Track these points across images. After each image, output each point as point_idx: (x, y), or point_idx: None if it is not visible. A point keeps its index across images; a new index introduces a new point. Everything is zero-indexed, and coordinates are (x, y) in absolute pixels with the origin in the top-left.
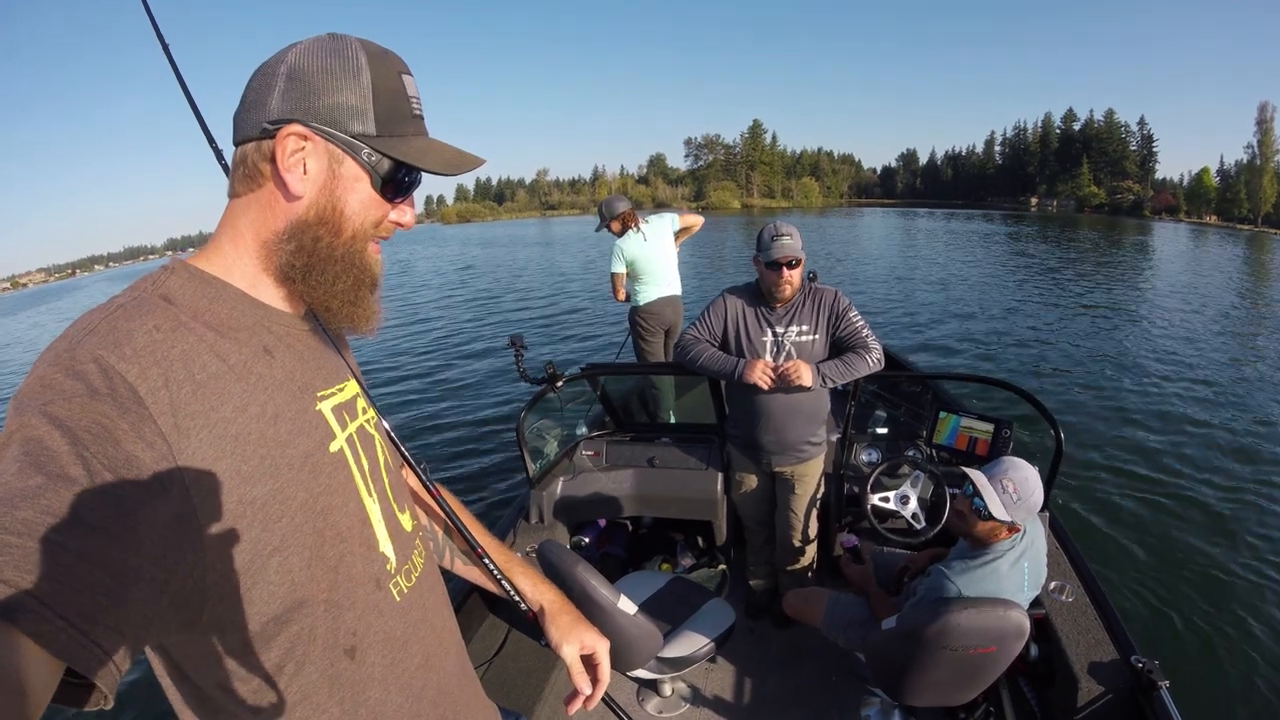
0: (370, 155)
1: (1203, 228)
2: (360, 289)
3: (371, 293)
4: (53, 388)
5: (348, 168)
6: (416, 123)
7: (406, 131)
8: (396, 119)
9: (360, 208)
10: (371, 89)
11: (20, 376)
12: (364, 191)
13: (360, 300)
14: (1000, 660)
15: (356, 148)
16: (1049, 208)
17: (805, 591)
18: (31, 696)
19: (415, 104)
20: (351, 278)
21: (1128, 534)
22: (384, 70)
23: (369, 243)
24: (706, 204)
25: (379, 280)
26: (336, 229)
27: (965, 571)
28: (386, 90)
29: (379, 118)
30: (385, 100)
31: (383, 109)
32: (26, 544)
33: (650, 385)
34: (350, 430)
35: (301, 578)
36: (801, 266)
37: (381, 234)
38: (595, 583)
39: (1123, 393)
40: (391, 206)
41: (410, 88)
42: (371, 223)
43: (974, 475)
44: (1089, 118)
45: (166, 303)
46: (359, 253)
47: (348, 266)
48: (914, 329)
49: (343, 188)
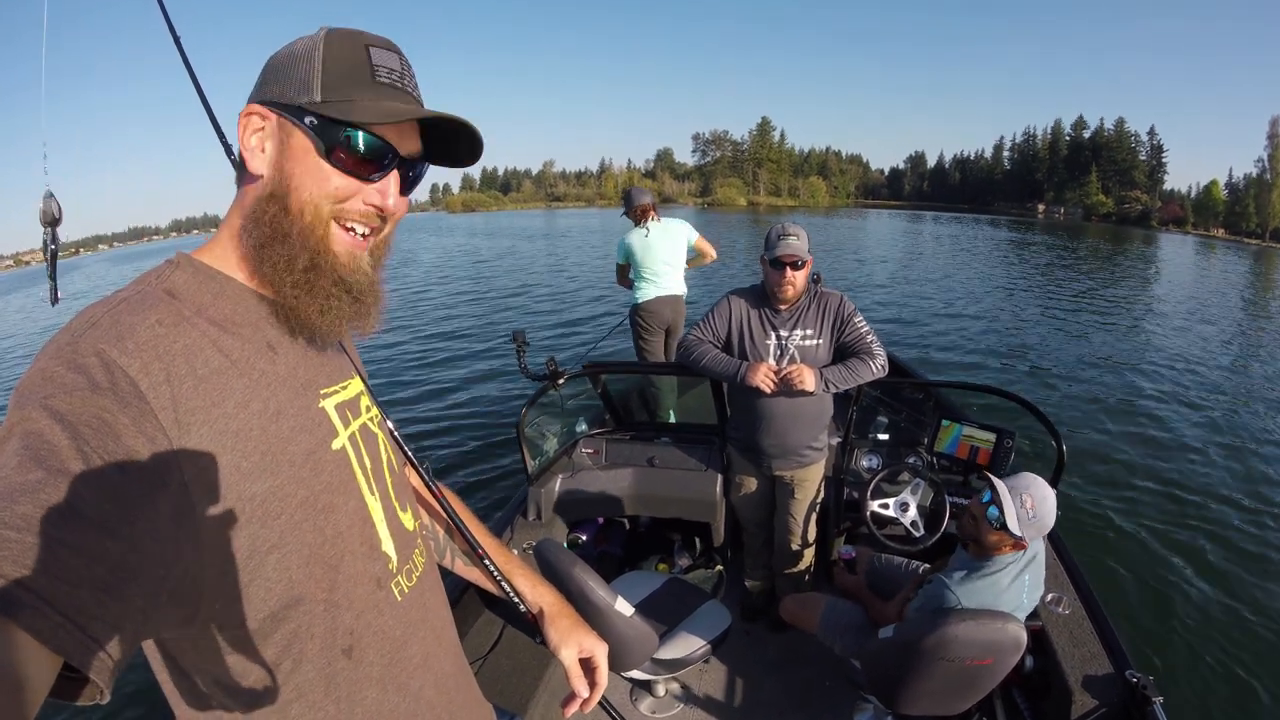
0: (312, 121)
1: (1210, 240)
2: (318, 274)
3: (333, 284)
4: (54, 381)
5: (297, 139)
6: (380, 89)
7: (358, 96)
8: (347, 84)
9: (307, 177)
10: (322, 60)
11: (12, 360)
12: (311, 161)
13: (317, 290)
14: (996, 672)
15: (301, 116)
16: (1056, 215)
17: (802, 597)
18: (29, 691)
19: (383, 73)
20: (306, 259)
21: (1126, 547)
22: (343, 44)
23: (330, 223)
24: (712, 200)
25: (350, 278)
26: (285, 203)
27: (965, 581)
28: (340, 59)
29: (326, 85)
30: (336, 69)
31: (331, 76)
32: (25, 539)
33: (651, 384)
34: (353, 428)
35: (300, 575)
36: (807, 269)
37: (350, 216)
38: (593, 583)
39: (1126, 406)
40: (364, 185)
41: (381, 58)
42: (325, 195)
43: (997, 483)
44: (1099, 126)
45: (170, 297)
46: (314, 232)
47: (302, 246)
48: (917, 335)
49: (292, 159)
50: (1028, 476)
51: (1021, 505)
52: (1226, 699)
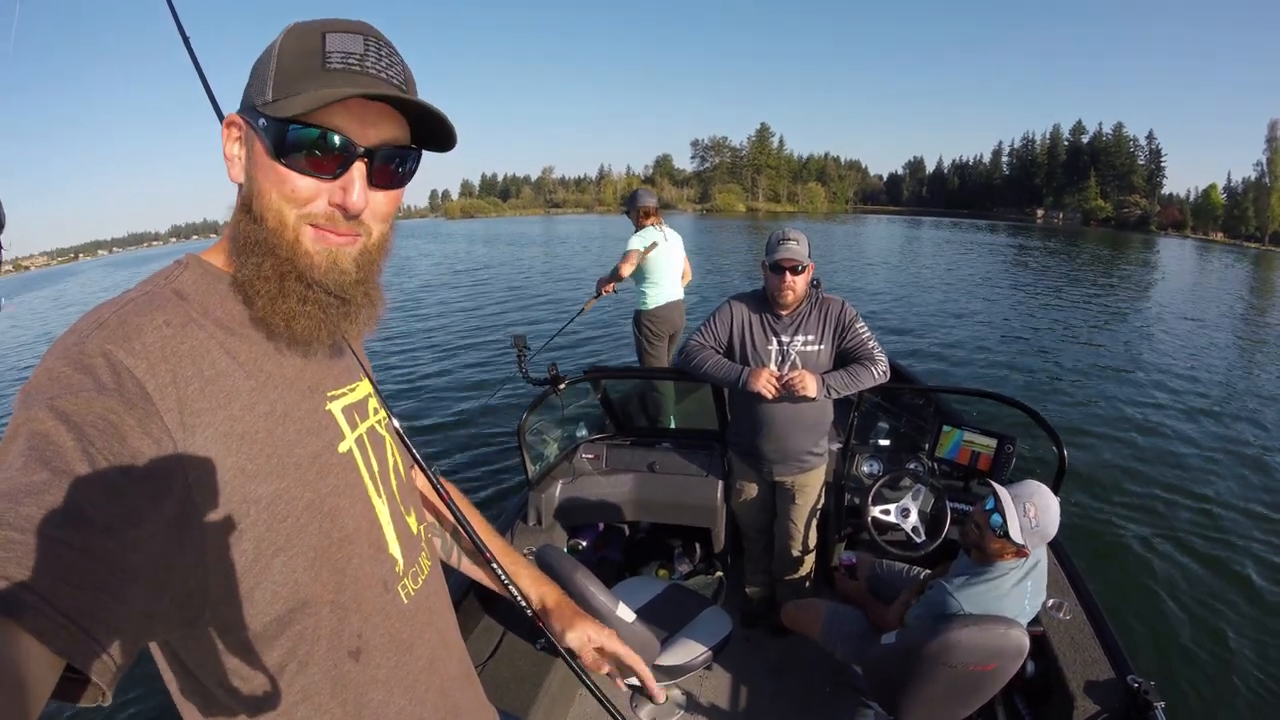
0: (263, 123)
1: (1209, 244)
2: (285, 280)
3: (306, 288)
4: (60, 381)
5: (257, 144)
6: (333, 76)
7: (304, 88)
8: (296, 77)
9: (266, 182)
10: (278, 57)
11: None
12: (268, 165)
13: (288, 294)
14: (999, 678)
15: (255, 117)
16: (1055, 220)
17: (804, 603)
18: (32, 692)
19: (337, 59)
20: (271, 264)
21: (1127, 552)
22: (300, 36)
23: (301, 226)
24: (711, 206)
25: (316, 274)
26: (251, 211)
27: (967, 587)
28: (292, 53)
29: (277, 83)
30: (287, 63)
31: (283, 73)
32: (29, 540)
33: (652, 390)
34: (360, 431)
35: (306, 578)
36: (807, 275)
37: (316, 218)
38: (594, 589)
39: (1127, 411)
40: (325, 183)
41: (337, 43)
42: (284, 198)
43: (1000, 491)
44: (1098, 130)
45: (178, 298)
46: (280, 236)
47: (268, 252)
48: (917, 340)
49: (255, 166)
50: (1032, 484)
51: (1025, 514)
52: (1229, 703)
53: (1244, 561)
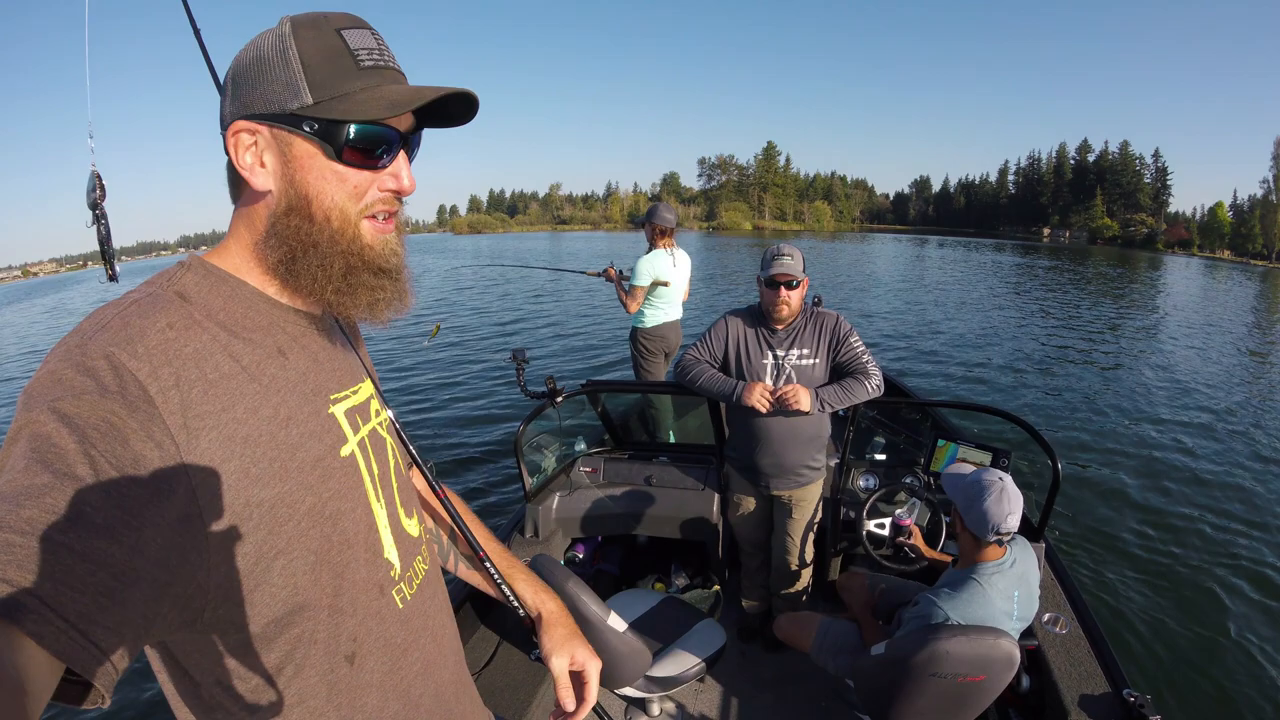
0: (311, 126)
1: (1216, 262)
2: (355, 273)
3: (374, 276)
4: (63, 384)
5: (299, 148)
6: (368, 75)
7: (351, 88)
8: (335, 79)
9: (324, 184)
10: (300, 59)
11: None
12: (322, 167)
13: (358, 286)
14: (989, 690)
15: (297, 123)
16: (1061, 238)
17: (796, 616)
18: (32, 696)
19: (365, 56)
20: (341, 262)
21: (1124, 566)
22: (314, 34)
23: (360, 221)
24: (718, 224)
25: (385, 263)
26: (308, 214)
27: (951, 594)
28: (319, 53)
29: (313, 85)
30: (318, 64)
31: (317, 74)
32: (30, 543)
33: (650, 404)
34: (362, 434)
35: (304, 582)
36: (802, 290)
37: (374, 209)
38: (585, 598)
39: (1125, 426)
40: (377, 174)
41: (356, 40)
42: (347, 196)
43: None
44: (1104, 149)
45: (181, 300)
46: (345, 234)
47: (334, 251)
48: (918, 356)
49: (301, 170)
50: (983, 472)
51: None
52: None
53: (1243, 577)
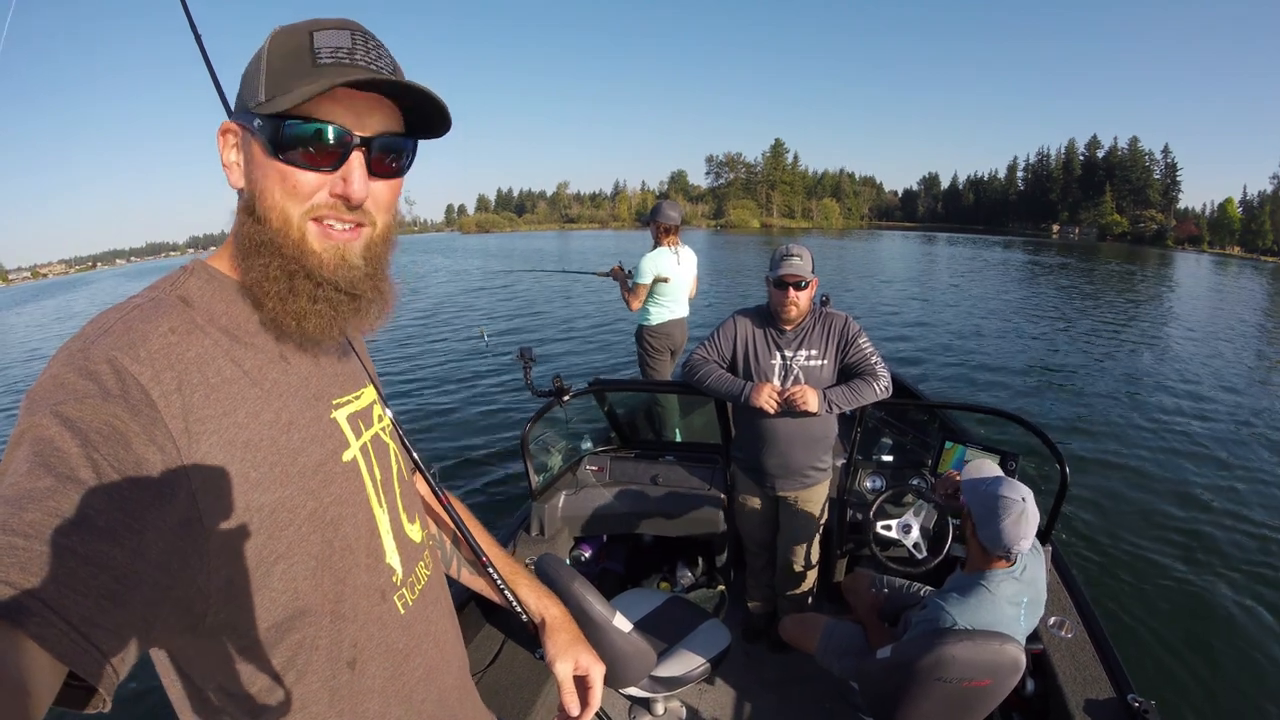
0: (258, 123)
1: (1226, 259)
2: (294, 279)
3: (315, 286)
4: (66, 387)
5: (254, 146)
6: (323, 71)
7: (296, 85)
8: (287, 76)
9: (267, 182)
10: (267, 58)
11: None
12: (267, 165)
13: (299, 294)
14: (995, 694)
15: (251, 120)
16: (1071, 235)
17: (802, 617)
18: (35, 698)
19: (326, 54)
20: (279, 266)
21: (1130, 570)
22: (287, 36)
23: (304, 224)
24: (726, 222)
25: (324, 271)
26: (254, 213)
27: (960, 600)
28: (281, 53)
29: (269, 83)
30: (277, 62)
31: (273, 73)
32: (33, 546)
33: (656, 402)
34: (365, 439)
35: (306, 587)
36: (811, 290)
37: (323, 211)
38: (590, 598)
39: (1133, 429)
40: (326, 176)
41: (325, 39)
42: (286, 195)
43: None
44: (1113, 145)
45: (184, 304)
46: (285, 235)
47: (274, 252)
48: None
49: (254, 168)
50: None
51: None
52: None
53: (1252, 584)
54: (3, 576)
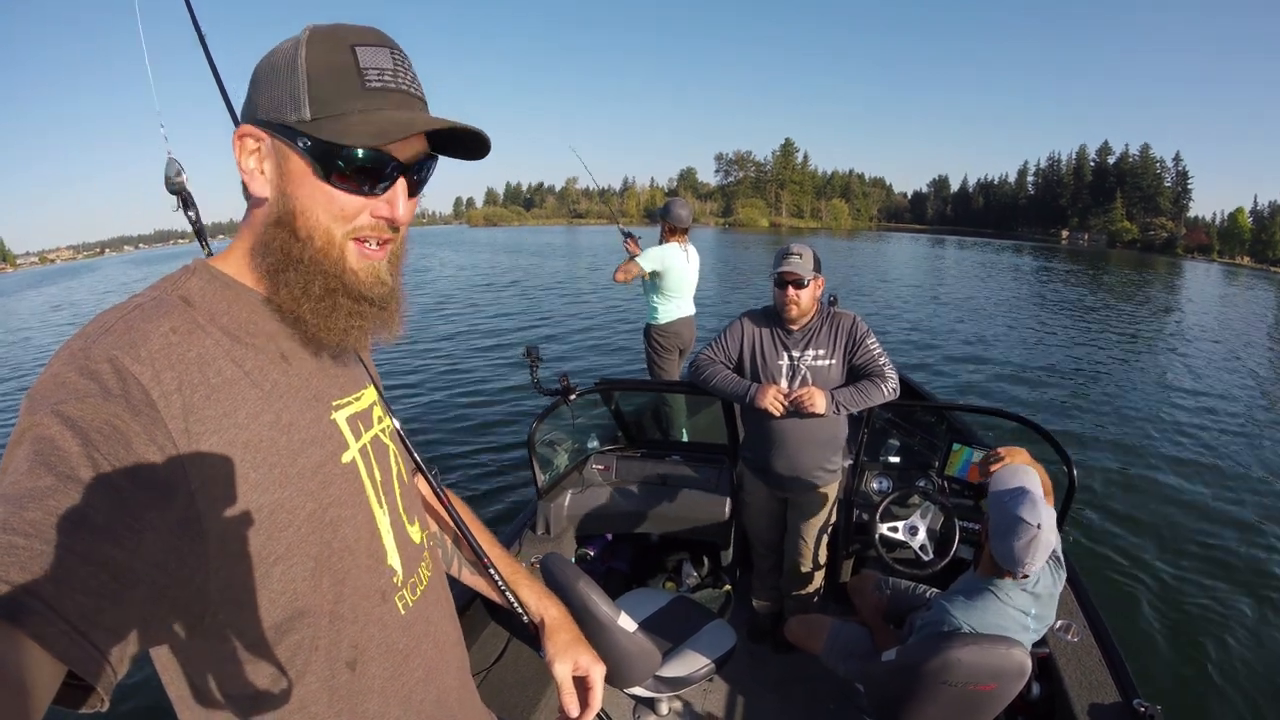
0: (305, 143)
1: (1235, 269)
2: (335, 295)
3: (354, 301)
4: (66, 386)
5: (294, 163)
6: (372, 96)
7: (350, 109)
8: (336, 97)
9: (312, 203)
10: (306, 71)
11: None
12: (313, 186)
13: (338, 309)
14: (1000, 698)
15: (294, 137)
16: (1080, 241)
17: (808, 618)
18: (34, 697)
19: (373, 76)
20: (321, 283)
21: (1138, 574)
22: (327, 48)
23: (346, 243)
24: (734, 220)
25: (368, 291)
26: (293, 229)
27: (966, 605)
28: (325, 68)
29: (314, 100)
30: (322, 79)
31: (319, 89)
32: (33, 545)
33: (664, 403)
34: (364, 440)
35: (305, 588)
36: (813, 289)
37: (362, 232)
38: (596, 598)
39: (1141, 433)
40: (370, 199)
41: (369, 58)
42: (333, 218)
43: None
44: (1124, 152)
45: (185, 304)
46: (328, 255)
47: (315, 270)
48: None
49: (292, 184)
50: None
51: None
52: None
53: (1260, 590)
54: (2, 575)
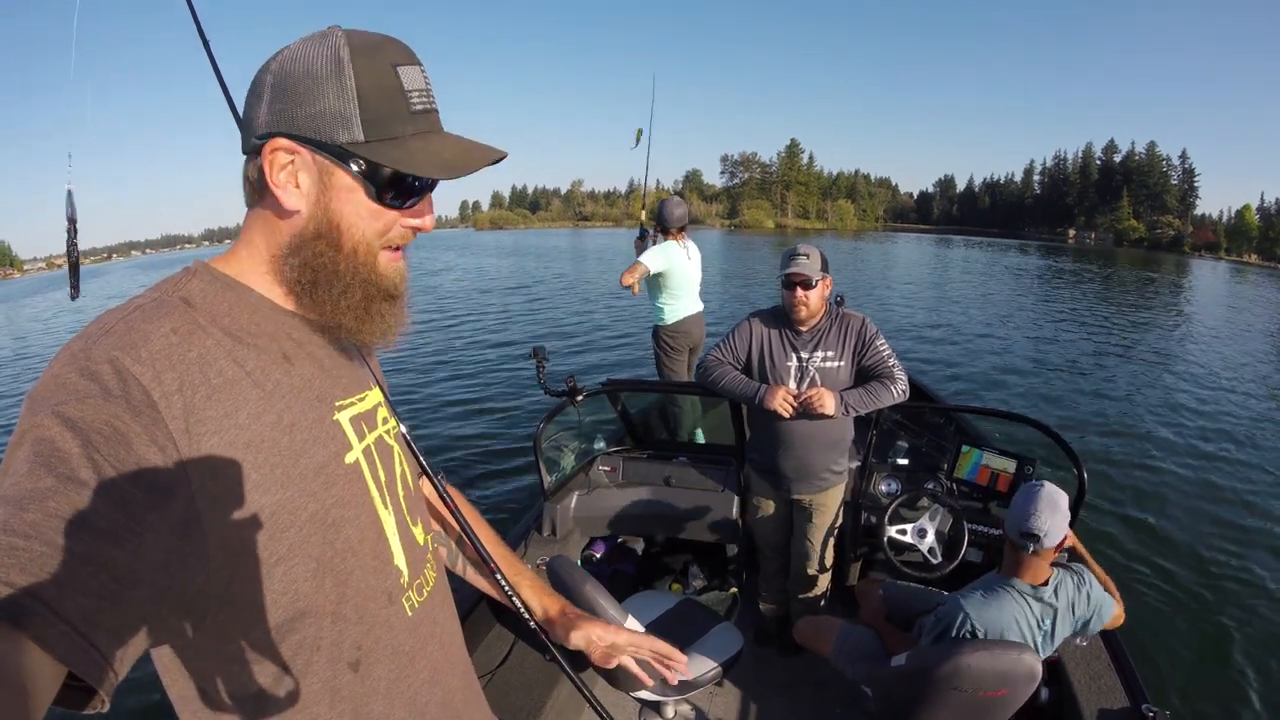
0: (359, 165)
1: (1243, 266)
2: (372, 302)
3: (387, 304)
4: (67, 387)
5: (339, 179)
6: (418, 120)
7: (402, 133)
8: (389, 120)
9: (358, 219)
10: (356, 91)
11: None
12: (359, 202)
13: (374, 313)
14: (1010, 703)
15: (345, 157)
16: (1087, 240)
17: (817, 620)
18: (35, 699)
19: (416, 98)
20: (360, 291)
21: (1148, 579)
22: (372, 67)
23: (379, 252)
24: (740, 222)
25: (396, 290)
26: (336, 243)
27: (982, 604)
28: (375, 89)
29: (367, 122)
30: (374, 101)
31: (371, 111)
32: (34, 547)
33: (672, 403)
34: (368, 441)
35: (306, 589)
36: (821, 290)
37: (394, 241)
38: (603, 602)
39: (1152, 435)
40: (402, 212)
41: (410, 80)
42: (376, 232)
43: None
44: (1130, 150)
45: (186, 305)
46: (367, 265)
47: (355, 280)
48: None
49: (337, 200)
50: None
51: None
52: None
53: (1274, 595)
54: (3, 577)
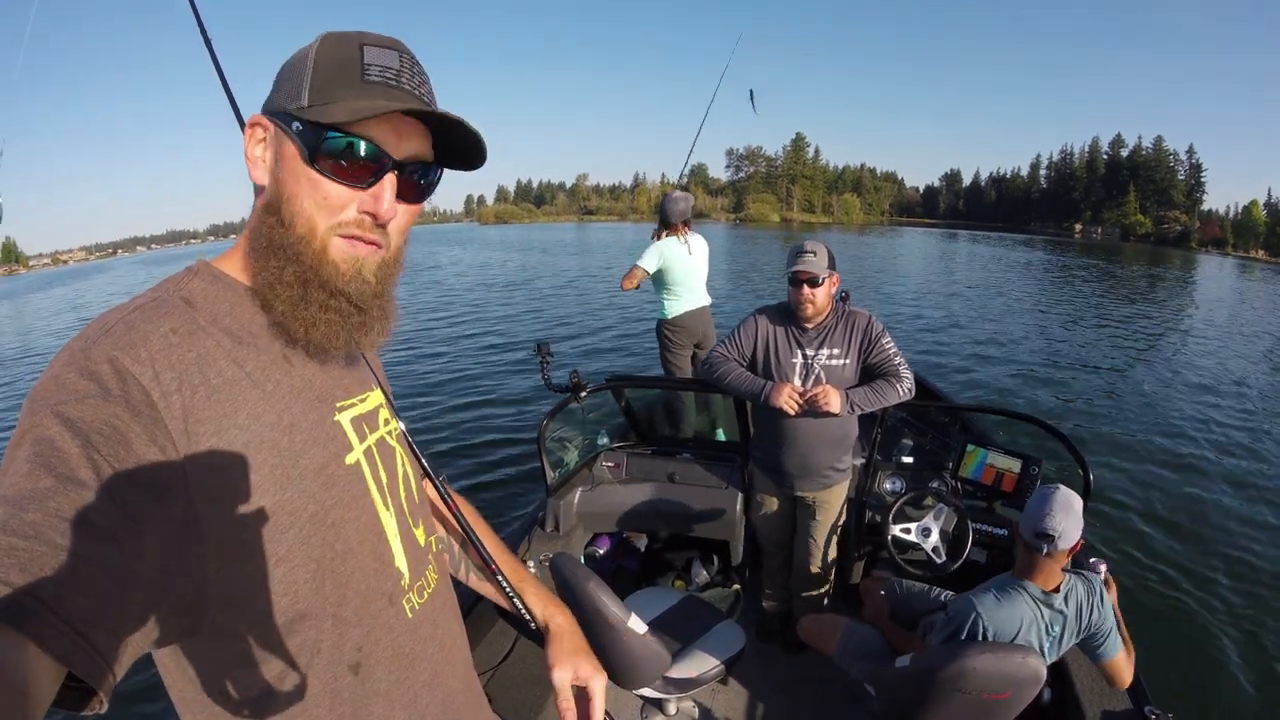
0: (297, 126)
1: (1250, 262)
2: (308, 288)
3: (330, 296)
4: (66, 387)
5: (288, 147)
6: (370, 89)
7: (344, 97)
8: (333, 84)
9: (299, 189)
10: (314, 63)
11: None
12: (299, 169)
13: (310, 302)
14: (1014, 706)
15: (289, 121)
16: (1093, 235)
17: (822, 618)
18: (34, 699)
19: (375, 72)
20: (294, 271)
21: (1153, 580)
22: (338, 44)
23: (330, 237)
24: (745, 216)
25: (340, 283)
26: (279, 214)
27: (995, 604)
28: (330, 59)
29: (314, 89)
30: (325, 69)
31: (319, 79)
32: (33, 547)
33: (677, 399)
34: (369, 442)
35: (306, 590)
36: (828, 287)
37: (350, 229)
38: (606, 599)
39: (1161, 437)
40: (358, 192)
41: (374, 56)
42: (317, 206)
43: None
44: (1137, 144)
45: (187, 305)
46: (310, 246)
47: (294, 259)
48: (948, 355)
49: (286, 170)
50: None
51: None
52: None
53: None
54: (2, 577)
